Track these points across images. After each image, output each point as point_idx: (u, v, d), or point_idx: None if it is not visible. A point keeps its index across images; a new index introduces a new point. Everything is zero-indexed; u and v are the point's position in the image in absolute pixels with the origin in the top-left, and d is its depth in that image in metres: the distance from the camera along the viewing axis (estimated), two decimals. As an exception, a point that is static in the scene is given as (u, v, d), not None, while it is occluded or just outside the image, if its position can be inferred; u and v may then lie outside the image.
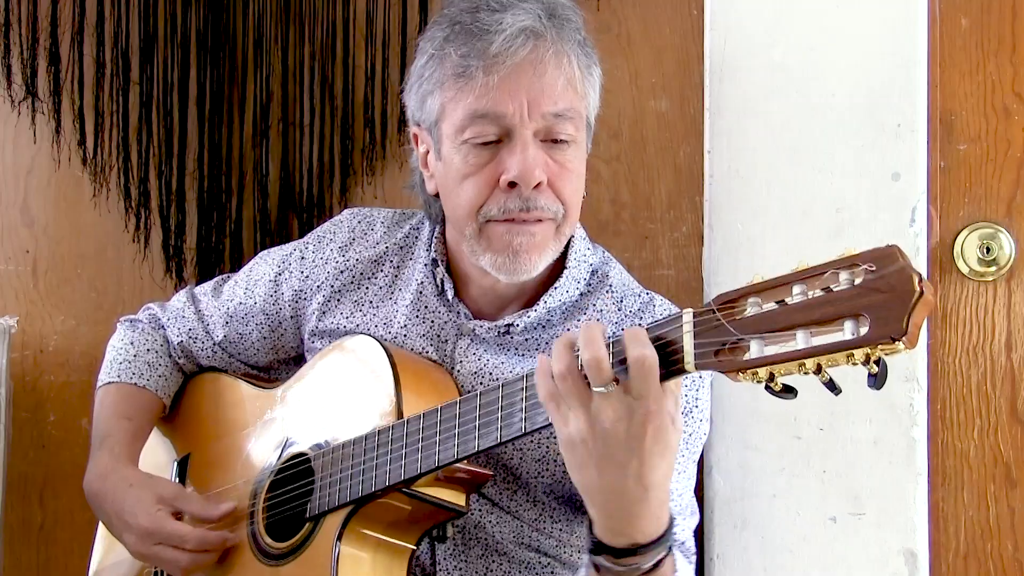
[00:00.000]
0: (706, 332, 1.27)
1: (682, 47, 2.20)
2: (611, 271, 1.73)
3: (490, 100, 1.55)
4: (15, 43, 2.37)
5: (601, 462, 1.31)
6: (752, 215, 2.09)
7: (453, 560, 1.65)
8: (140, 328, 1.94)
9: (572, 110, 1.58)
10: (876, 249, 1.17)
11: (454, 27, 1.58)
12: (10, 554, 2.41)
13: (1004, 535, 2.05)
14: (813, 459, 2.05)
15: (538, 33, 1.56)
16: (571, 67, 1.58)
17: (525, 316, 1.65)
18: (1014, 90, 2.05)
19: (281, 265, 1.86)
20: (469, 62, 1.55)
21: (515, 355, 1.66)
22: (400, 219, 1.83)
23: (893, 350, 1.14)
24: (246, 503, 1.72)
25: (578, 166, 1.62)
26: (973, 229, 2.06)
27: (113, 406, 1.86)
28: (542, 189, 1.57)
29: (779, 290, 1.23)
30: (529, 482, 1.63)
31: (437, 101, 1.60)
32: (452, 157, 1.60)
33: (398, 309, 1.74)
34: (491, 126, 1.56)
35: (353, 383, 1.66)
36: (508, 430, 1.42)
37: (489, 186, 1.58)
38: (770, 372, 1.22)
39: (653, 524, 1.36)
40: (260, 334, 1.87)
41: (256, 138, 2.35)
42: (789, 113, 2.07)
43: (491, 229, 1.59)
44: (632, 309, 1.69)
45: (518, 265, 1.59)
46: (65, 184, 2.40)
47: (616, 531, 1.36)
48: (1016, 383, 2.05)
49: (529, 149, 1.55)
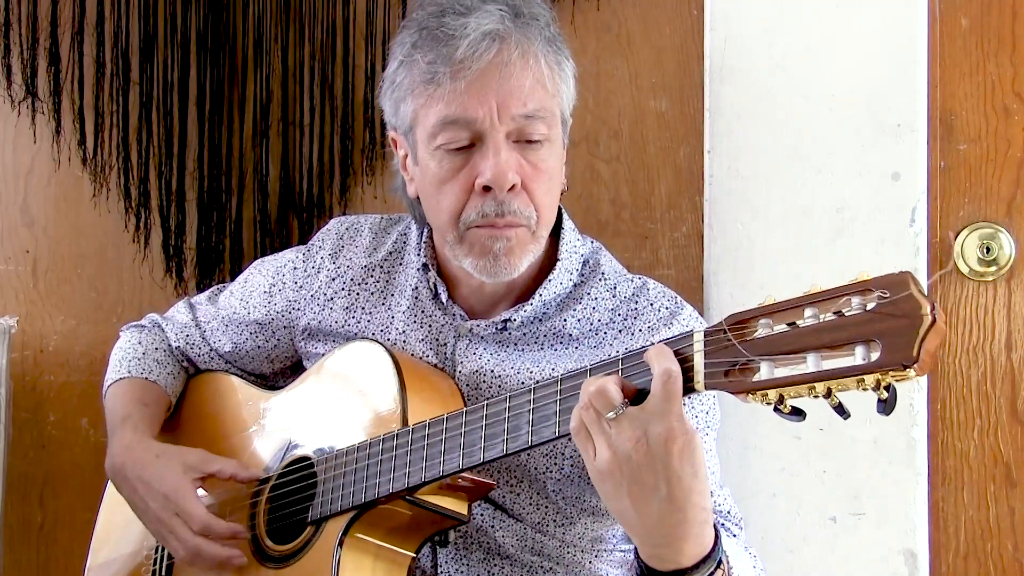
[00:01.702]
0: (716, 352, 1.27)
1: (682, 47, 2.20)
2: (602, 259, 1.74)
3: (459, 106, 1.55)
4: (15, 43, 2.37)
5: (632, 489, 1.31)
6: (752, 215, 2.09)
7: (454, 564, 1.65)
8: (146, 331, 1.96)
9: (543, 109, 1.58)
10: (889, 275, 1.17)
11: (421, 32, 1.58)
12: (10, 554, 2.41)
13: (1004, 535, 2.05)
14: (813, 459, 2.05)
15: (503, 35, 1.55)
16: (539, 66, 1.57)
17: (521, 310, 1.66)
18: (1014, 90, 2.05)
19: (275, 276, 1.86)
20: (436, 68, 1.55)
21: (514, 351, 1.67)
22: (388, 224, 1.84)
23: (904, 377, 1.14)
24: (247, 504, 1.72)
25: (552, 164, 1.62)
26: (973, 229, 2.06)
27: (129, 393, 1.86)
28: (517, 192, 1.57)
29: (791, 312, 1.22)
30: (538, 478, 1.63)
31: (409, 108, 1.61)
32: (428, 163, 1.61)
33: (394, 315, 1.74)
34: (462, 131, 1.56)
35: (358, 388, 1.66)
36: (514, 443, 1.43)
37: (465, 191, 1.58)
38: (780, 394, 1.22)
39: (696, 546, 1.34)
40: (255, 343, 1.88)
41: (256, 138, 2.35)
42: (789, 113, 2.08)
43: (471, 235, 1.60)
44: (626, 295, 1.69)
45: (499, 268, 1.60)
46: (65, 184, 2.40)
47: (660, 557, 1.35)
48: (1016, 383, 2.05)
49: (501, 152, 1.55)
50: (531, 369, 1.65)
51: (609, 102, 2.22)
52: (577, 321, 1.67)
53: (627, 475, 1.30)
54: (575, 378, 1.40)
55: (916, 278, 1.16)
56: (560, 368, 1.64)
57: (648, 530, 1.33)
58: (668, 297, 1.70)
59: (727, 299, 2.08)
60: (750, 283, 2.08)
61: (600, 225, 2.21)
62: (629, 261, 2.09)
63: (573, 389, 1.39)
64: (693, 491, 1.30)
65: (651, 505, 1.31)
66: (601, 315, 1.67)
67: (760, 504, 2.06)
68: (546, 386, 1.42)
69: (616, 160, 2.23)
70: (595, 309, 1.68)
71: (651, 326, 1.65)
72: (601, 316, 1.67)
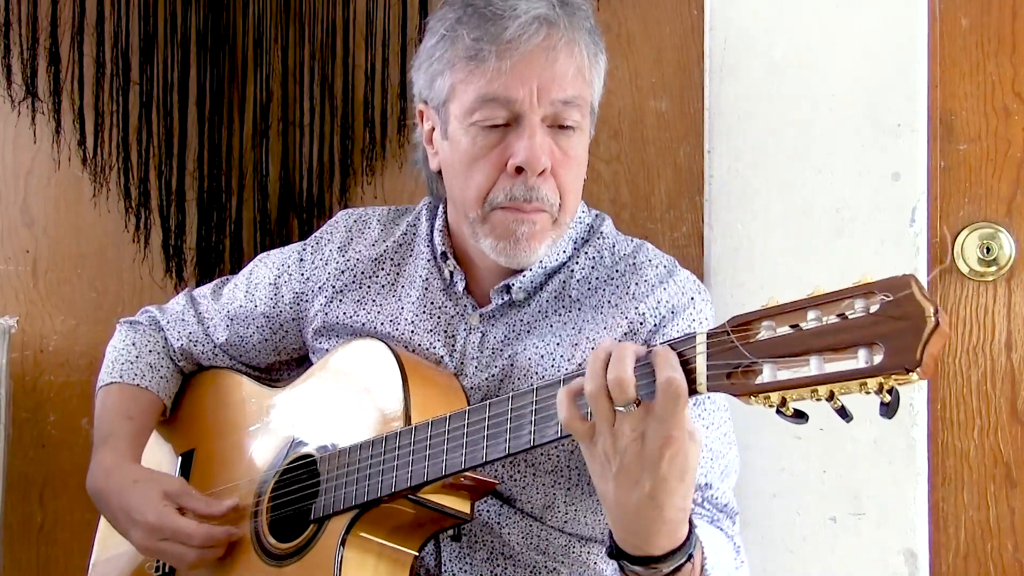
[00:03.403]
0: (719, 354, 1.27)
1: (682, 47, 2.20)
2: (604, 225, 1.76)
3: (501, 85, 1.57)
4: (15, 43, 2.37)
5: (619, 477, 1.32)
6: (752, 215, 2.09)
7: (458, 562, 1.65)
8: (141, 330, 1.95)
9: (579, 97, 1.61)
10: (892, 278, 1.17)
11: (467, 9, 1.60)
12: (10, 554, 2.41)
13: (1004, 535, 2.05)
14: (813, 459, 2.05)
15: (551, 21, 1.58)
16: (581, 56, 1.61)
17: (521, 277, 1.67)
18: (1014, 90, 2.06)
19: (280, 268, 1.86)
20: (482, 46, 1.57)
21: (522, 332, 1.68)
22: (395, 215, 1.84)
23: (907, 380, 1.14)
24: (250, 501, 1.72)
25: (580, 152, 1.65)
26: (973, 229, 2.06)
27: (115, 405, 1.86)
28: (546, 177, 1.60)
29: (794, 314, 1.22)
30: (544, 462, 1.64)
31: (447, 81, 1.62)
32: (460, 138, 1.62)
33: (403, 306, 1.74)
34: (501, 110, 1.58)
35: (361, 386, 1.66)
36: (516, 442, 1.43)
37: (497, 169, 1.60)
38: (782, 397, 1.22)
39: (668, 540, 1.36)
40: (261, 336, 1.88)
41: (256, 138, 2.35)
42: (789, 113, 2.08)
43: (495, 216, 1.61)
44: (624, 252, 1.72)
45: (518, 251, 1.62)
46: (65, 184, 2.40)
47: (631, 544, 1.37)
48: (1016, 383, 2.05)
49: (537, 135, 1.58)
50: (538, 346, 1.66)
51: (609, 102, 2.22)
52: (576, 282, 1.68)
53: (617, 464, 1.32)
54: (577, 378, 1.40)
55: (919, 281, 1.15)
56: (565, 338, 1.65)
57: (625, 517, 1.35)
58: (666, 258, 1.73)
59: (727, 299, 2.08)
60: (750, 283, 2.08)
61: (600, 225, 2.21)
62: (629, 261, 2.09)
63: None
64: (676, 493, 1.31)
65: (632, 496, 1.32)
66: (599, 272, 1.69)
67: (760, 504, 2.06)
68: (549, 387, 1.42)
69: (616, 160, 2.23)
70: (594, 267, 1.70)
71: (648, 281, 1.67)
72: (599, 274, 1.69)
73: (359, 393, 1.66)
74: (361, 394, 1.66)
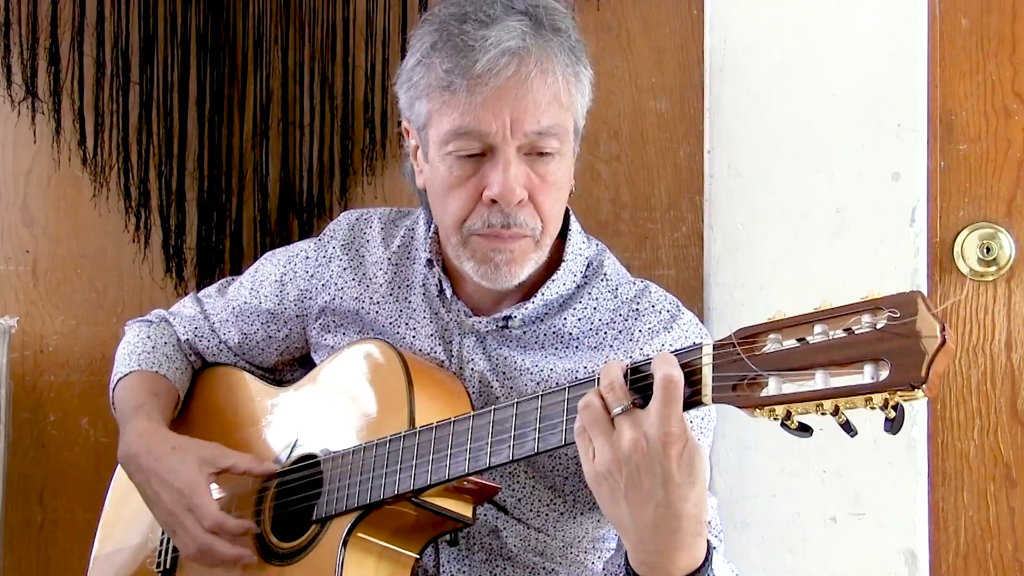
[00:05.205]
0: (725, 365, 1.26)
1: (682, 47, 2.20)
2: (606, 261, 1.74)
3: (473, 119, 1.54)
4: (15, 43, 2.37)
5: (629, 492, 1.30)
6: (752, 215, 2.09)
7: (457, 564, 1.65)
8: (153, 326, 1.95)
9: (556, 126, 1.57)
10: (900, 294, 1.17)
11: (441, 34, 1.57)
12: (10, 554, 2.41)
13: (1004, 535, 2.05)
14: (813, 459, 2.05)
15: (523, 52, 1.54)
16: (556, 82, 1.56)
17: (523, 308, 1.66)
18: (1014, 90, 2.06)
19: (286, 265, 1.86)
20: (453, 79, 1.54)
21: (517, 348, 1.67)
22: (397, 217, 1.84)
23: (912, 397, 1.14)
24: (253, 500, 1.72)
25: (561, 177, 1.61)
26: (973, 229, 2.06)
27: (140, 384, 1.85)
28: (524, 205, 1.58)
29: (800, 328, 1.22)
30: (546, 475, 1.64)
31: (424, 107, 1.60)
32: (438, 165, 1.61)
33: (403, 309, 1.74)
34: (474, 142, 1.56)
35: (366, 387, 1.66)
36: (520, 449, 1.43)
37: (473, 199, 1.58)
38: (787, 410, 1.22)
39: (688, 558, 1.34)
40: (265, 332, 1.88)
41: (256, 138, 2.35)
42: (789, 113, 2.08)
43: (474, 242, 1.60)
44: (628, 296, 1.69)
45: (499, 276, 1.61)
46: (65, 184, 2.39)
47: (650, 565, 1.35)
48: (1016, 383, 2.05)
49: (511, 167, 1.55)
50: (531, 369, 1.65)
51: (609, 102, 2.22)
52: (577, 320, 1.67)
53: (625, 477, 1.30)
54: (582, 387, 1.40)
55: (926, 298, 1.15)
56: (559, 368, 1.64)
57: (642, 536, 1.33)
58: (670, 301, 1.70)
59: (727, 299, 2.08)
60: (750, 283, 2.08)
61: (600, 225, 2.21)
62: (629, 261, 2.09)
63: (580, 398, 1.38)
64: (688, 499, 1.30)
65: (647, 510, 1.30)
66: (602, 315, 1.68)
67: (760, 504, 2.06)
68: (553, 394, 1.42)
69: (616, 160, 2.23)
70: (596, 309, 1.68)
71: (651, 328, 1.65)
72: (602, 316, 1.68)
73: (363, 394, 1.66)
74: (365, 395, 1.66)
